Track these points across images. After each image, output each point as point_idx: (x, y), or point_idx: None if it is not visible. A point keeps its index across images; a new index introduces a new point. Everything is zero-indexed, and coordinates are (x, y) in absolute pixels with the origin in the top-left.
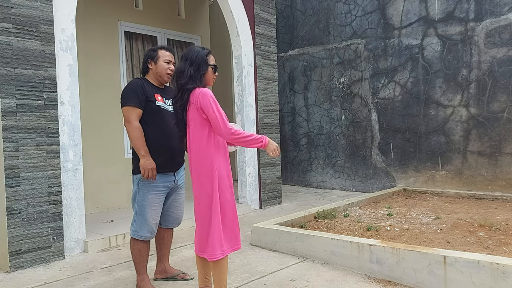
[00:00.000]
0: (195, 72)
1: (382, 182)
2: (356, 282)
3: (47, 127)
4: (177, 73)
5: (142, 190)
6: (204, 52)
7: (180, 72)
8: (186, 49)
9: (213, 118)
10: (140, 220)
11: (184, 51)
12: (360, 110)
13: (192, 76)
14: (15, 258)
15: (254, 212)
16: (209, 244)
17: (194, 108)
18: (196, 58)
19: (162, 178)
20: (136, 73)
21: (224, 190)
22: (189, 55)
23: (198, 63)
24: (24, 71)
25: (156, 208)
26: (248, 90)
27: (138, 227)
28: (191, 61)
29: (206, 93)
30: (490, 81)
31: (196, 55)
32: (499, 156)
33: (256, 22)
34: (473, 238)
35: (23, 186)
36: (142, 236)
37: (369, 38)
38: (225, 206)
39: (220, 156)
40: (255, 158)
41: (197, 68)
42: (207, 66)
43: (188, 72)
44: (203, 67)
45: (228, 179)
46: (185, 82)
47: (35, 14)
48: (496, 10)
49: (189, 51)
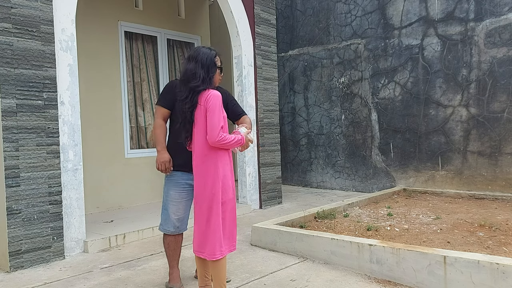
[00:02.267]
0: (205, 74)
1: (382, 182)
2: (356, 282)
3: (47, 127)
4: (189, 75)
5: (167, 185)
6: (213, 53)
7: (192, 74)
8: (193, 49)
9: (212, 122)
10: (164, 214)
11: (191, 51)
12: (360, 110)
13: (204, 79)
14: (15, 258)
15: (254, 212)
16: (209, 244)
17: (201, 109)
18: (206, 60)
19: (185, 175)
20: (136, 73)
21: (227, 189)
22: (199, 57)
23: (207, 66)
24: (24, 71)
25: (176, 204)
26: (248, 90)
27: (163, 221)
28: (202, 63)
29: (217, 97)
30: (490, 81)
31: (206, 57)
32: (499, 156)
33: (256, 22)
34: (473, 238)
35: (23, 186)
36: (166, 230)
37: (369, 38)
38: (227, 205)
39: (225, 155)
40: (255, 158)
41: (207, 70)
42: (216, 68)
43: (200, 74)
44: (212, 69)
45: (231, 179)
46: (198, 85)
47: (35, 14)
48: (496, 10)
49: (198, 53)
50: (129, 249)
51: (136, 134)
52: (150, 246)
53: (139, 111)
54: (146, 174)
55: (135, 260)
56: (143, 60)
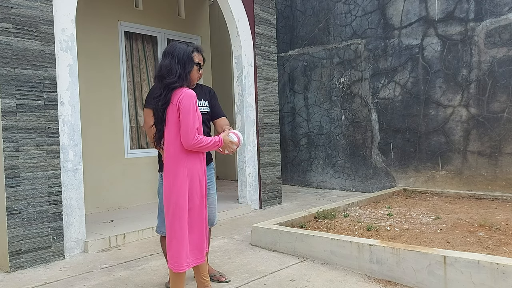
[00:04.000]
0: (182, 70)
1: (382, 182)
2: (356, 282)
3: (47, 127)
4: (164, 71)
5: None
6: (190, 49)
7: (167, 70)
8: (169, 45)
9: (186, 124)
10: (162, 216)
11: (167, 47)
12: (360, 110)
13: (180, 75)
14: (15, 258)
15: (254, 212)
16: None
17: (173, 108)
18: (183, 56)
19: None
20: (136, 73)
21: (193, 195)
22: (175, 52)
23: (184, 61)
24: (24, 71)
25: None
26: (248, 90)
27: (160, 223)
28: (179, 59)
29: (191, 97)
30: (490, 81)
31: (183, 53)
32: (499, 156)
33: (256, 22)
34: (473, 238)
35: (23, 186)
36: (163, 232)
37: (369, 38)
38: (193, 212)
39: (194, 157)
40: (255, 158)
41: (184, 66)
42: (193, 64)
43: (177, 71)
44: (189, 65)
45: (200, 184)
46: (173, 81)
47: (35, 14)
48: (496, 10)
49: (175, 48)
50: (129, 249)
51: (136, 134)
52: (150, 246)
53: (139, 111)
54: (146, 174)
55: (135, 260)
56: (143, 60)
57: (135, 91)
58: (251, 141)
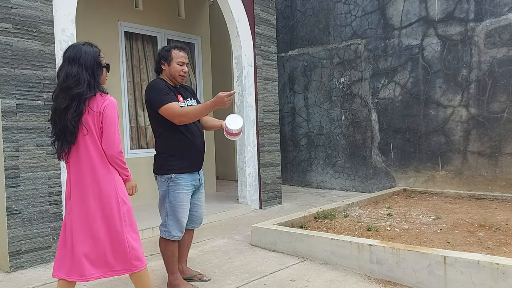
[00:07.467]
0: (91, 78)
1: (382, 182)
2: (356, 282)
3: (47, 127)
4: (71, 81)
5: (173, 190)
6: (96, 51)
7: (75, 80)
8: (72, 48)
9: (111, 133)
10: (173, 220)
11: (69, 51)
12: (360, 110)
13: (90, 84)
14: (15, 258)
15: (254, 212)
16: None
17: (95, 116)
18: (91, 62)
19: (190, 177)
20: (136, 73)
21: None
22: (81, 59)
23: (92, 68)
24: (24, 71)
25: (186, 207)
26: (248, 90)
27: (171, 228)
28: (86, 66)
29: (115, 105)
30: (490, 81)
31: (90, 58)
32: (499, 156)
33: (256, 22)
34: (473, 238)
35: (23, 186)
36: (174, 236)
37: (369, 38)
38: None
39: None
40: (255, 158)
41: (92, 73)
42: (101, 69)
43: (85, 80)
44: (98, 71)
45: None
46: (83, 92)
47: (35, 14)
48: (496, 10)
49: (80, 54)
50: None
51: (136, 134)
52: (149, 246)
53: (139, 111)
54: (146, 174)
55: None
56: (143, 60)
57: (135, 91)
58: (251, 141)
